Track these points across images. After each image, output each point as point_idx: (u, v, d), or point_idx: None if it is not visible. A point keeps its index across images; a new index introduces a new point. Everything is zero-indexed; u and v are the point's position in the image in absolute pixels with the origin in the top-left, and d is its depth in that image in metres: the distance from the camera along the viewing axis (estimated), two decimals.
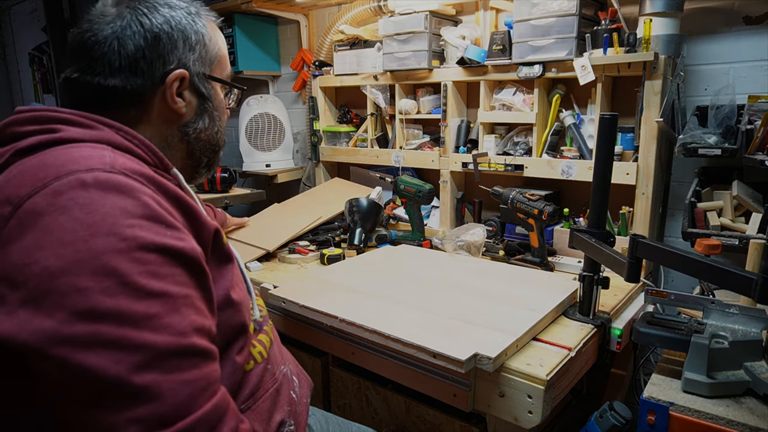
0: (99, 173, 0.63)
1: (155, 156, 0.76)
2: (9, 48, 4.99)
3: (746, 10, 1.51)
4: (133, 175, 0.65)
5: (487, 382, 1.05)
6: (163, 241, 0.62)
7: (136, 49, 0.76)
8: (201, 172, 0.90)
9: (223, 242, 0.78)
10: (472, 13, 2.00)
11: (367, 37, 2.17)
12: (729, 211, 1.45)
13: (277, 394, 0.84)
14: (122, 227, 0.60)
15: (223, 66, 0.88)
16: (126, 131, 0.74)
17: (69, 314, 0.55)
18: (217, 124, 0.88)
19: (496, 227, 1.87)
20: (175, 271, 0.63)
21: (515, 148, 1.87)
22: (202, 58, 0.82)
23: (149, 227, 0.62)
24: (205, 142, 0.87)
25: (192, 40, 0.81)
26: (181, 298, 0.62)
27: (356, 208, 1.85)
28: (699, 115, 1.51)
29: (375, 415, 1.35)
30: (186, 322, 0.61)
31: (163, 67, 0.78)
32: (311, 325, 1.34)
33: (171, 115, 0.81)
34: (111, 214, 0.60)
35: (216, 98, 0.87)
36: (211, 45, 0.84)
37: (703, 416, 0.95)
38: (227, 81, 0.89)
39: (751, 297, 0.84)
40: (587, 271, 1.23)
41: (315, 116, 2.42)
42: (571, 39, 1.61)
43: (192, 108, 0.83)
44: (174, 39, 0.79)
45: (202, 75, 0.83)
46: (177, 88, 0.79)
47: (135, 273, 0.59)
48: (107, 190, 0.62)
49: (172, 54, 0.79)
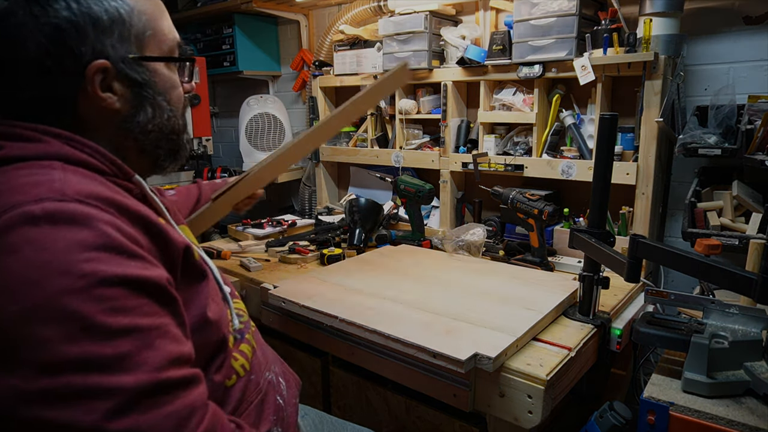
0: (48, 204, 0.56)
1: (113, 164, 0.68)
2: None
3: (746, 10, 1.51)
4: (88, 199, 0.58)
5: (487, 382, 1.05)
6: (126, 272, 0.57)
7: (38, 48, 0.64)
8: (164, 165, 0.79)
9: (195, 258, 0.71)
10: (472, 13, 2.00)
11: (367, 37, 2.17)
12: (729, 211, 1.45)
13: (261, 404, 0.81)
14: (79, 263, 0.54)
15: (160, 38, 0.74)
16: (77, 141, 0.66)
17: (32, 369, 0.51)
18: (167, 109, 0.75)
19: (496, 227, 1.87)
20: (142, 302, 0.58)
21: (515, 148, 1.87)
22: (124, 40, 0.69)
23: (109, 259, 0.56)
24: (157, 134, 0.75)
25: (104, 22, 0.67)
26: (153, 330, 0.58)
27: (356, 208, 1.85)
28: (699, 115, 1.51)
29: (375, 415, 1.35)
30: (161, 355, 0.57)
31: (77, 62, 0.66)
32: (311, 325, 1.34)
33: (105, 113, 0.70)
34: (65, 249, 0.54)
35: (159, 81, 0.73)
36: (136, 20, 0.70)
37: (703, 416, 0.95)
38: (167, 57, 0.75)
39: (751, 297, 0.85)
40: (587, 271, 1.23)
41: (315, 116, 2.42)
42: (571, 39, 1.61)
43: (127, 100, 0.71)
44: (81, 26, 0.66)
45: (130, 59, 0.70)
46: (101, 81, 0.68)
47: (98, 312, 0.54)
48: (59, 222, 0.55)
49: (82, 45, 0.66)
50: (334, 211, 2.39)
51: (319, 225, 2.14)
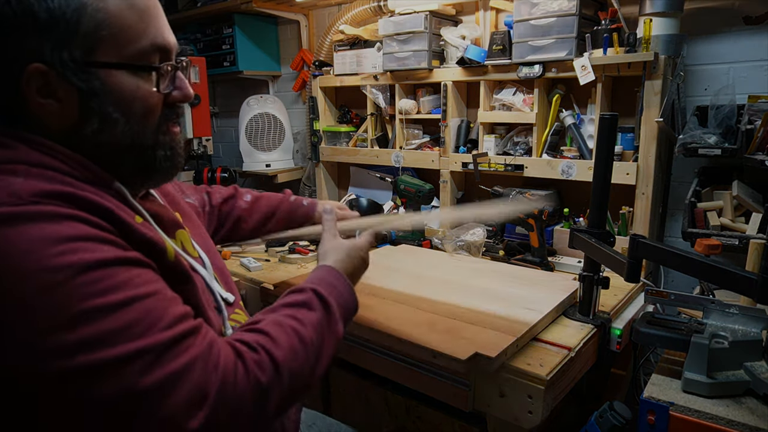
0: (3, 209, 0.53)
1: (86, 169, 0.64)
2: None
3: (746, 10, 1.51)
4: (46, 199, 0.56)
5: (487, 382, 1.05)
6: (103, 256, 0.56)
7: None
8: (133, 182, 0.71)
9: (170, 260, 0.67)
10: (472, 13, 2.00)
11: (367, 37, 2.17)
12: (729, 211, 1.45)
13: None
14: (51, 258, 0.53)
15: (123, 41, 0.64)
16: (48, 146, 0.62)
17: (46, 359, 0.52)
18: (121, 123, 0.66)
19: (496, 227, 1.87)
20: (132, 274, 0.58)
21: (515, 148, 1.87)
22: (67, 41, 0.61)
23: (82, 248, 0.55)
24: (110, 148, 0.66)
25: (42, 20, 0.59)
26: (151, 295, 0.58)
27: (356, 208, 1.85)
28: (699, 115, 1.51)
29: (375, 415, 1.35)
30: (168, 314, 0.59)
31: (13, 64, 0.60)
32: None
33: (50, 121, 0.63)
34: (33, 249, 0.52)
35: (114, 90, 0.64)
36: (85, 18, 0.61)
37: (703, 416, 0.95)
38: (125, 63, 0.64)
39: (751, 297, 0.85)
40: (587, 271, 1.23)
41: (315, 116, 2.42)
42: (571, 39, 1.61)
43: (72, 108, 0.63)
44: (15, 24, 0.58)
45: (73, 63, 0.61)
46: (42, 86, 0.61)
47: (86, 297, 0.53)
48: (18, 224, 0.53)
49: (18, 45, 0.59)
50: None
51: None
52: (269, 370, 0.64)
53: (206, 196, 1.19)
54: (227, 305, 0.85)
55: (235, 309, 0.87)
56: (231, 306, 0.86)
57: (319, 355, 0.72)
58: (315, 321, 0.74)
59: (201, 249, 0.86)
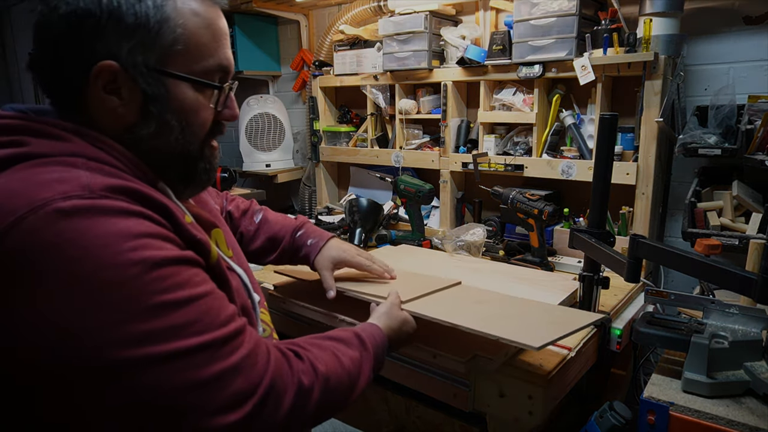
0: (77, 201, 0.55)
1: (137, 168, 0.67)
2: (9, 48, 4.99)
3: (746, 10, 1.51)
4: (115, 194, 0.58)
5: (487, 382, 1.05)
6: (169, 253, 0.59)
7: (59, 37, 0.63)
8: (178, 187, 0.74)
9: (212, 261, 0.69)
10: (472, 13, 2.00)
11: (367, 37, 2.17)
12: (729, 211, 1.45)
13: None
14: (125, 253, 0.55)
15: (194, 57, 0.68)
16: (103, 142, 0.65)
17: (109, 349, 0.54)
18: (176, 131, 0.69)
19: (496, 227, 1.87)
20: (191, 273, 0.62)
21: (515, 148, 1.87)
22: (145, 47, 0.65)
23: (151, 244, 0.58)
24: (162, 153, 0.70)
25: (128, 24, 0.63)
26: (209, 295, 0.62)
27: (356, 208, 1.85)
28: (699, 115, 1.51)
29: (375, 415, 1.35)
30: (224, 313, 0.63)
31: (90, 58, 0.63)
32: (311, 325, 1.34)
33: (108, 116, 0.66)
34: (108, 243, 0.55)
35: (175, 99, 0.68)
36: (166, 30, 0.65)
37: (703, 416, 0.95)
38: (190, 78, 0.69)
39: (751, 297, 0.85)
40: (587, 271, 1.23)
41: (315, 116, 2.42)
42: (571, 39, 1.61)
43: (133, 109, 0.67)
44: (102, 23, 0.63)
45: (145, 68, 0.65)
46: (108, 82, 0.64)
47: (158, 292, 0.57)
48: (92, 217, 0.55)
49: (98, 41, 0.63)
50: (334, 211, 2.39)
51: (319, 225, 2.14)
52: (311, 375, 0.70)
53: (224, 202, 1.20)
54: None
55: (260, 309, 0.89)
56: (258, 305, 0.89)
57: (353, 382, 0.78)
58: (352, 354, 0.81)
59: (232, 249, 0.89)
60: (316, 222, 2.22)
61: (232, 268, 0.80)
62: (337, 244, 1.19)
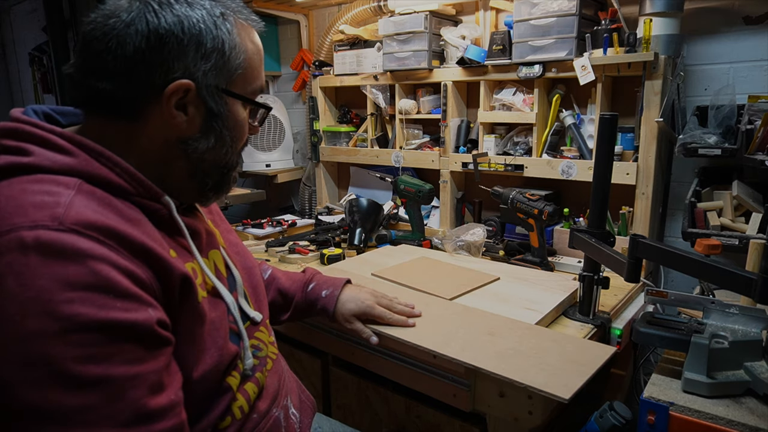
0: (42, 232, 0.55)
1: (140, 185, 0.68)
2: (9, 48, 5.00)
3: (746, 10, 1.51)
4: (87, 230, 0.57)
5: (487, 382, 1.05)
6: (108, 316, 0.55)
7: (135, 52, 0.65)
8: (208, 195, 0.79)
9: (195, 298, 0.69)
10: (472, 13, 2.00)
11: (367, 37, 2.17)
12: (729, 211, 1.45)
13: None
14: (58, 304, 0.53)
15: (249, 79, 0.75)
16: (108, 157, 0.65)
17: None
18: (227, 144, 0.75)
19: (496, 227, 1.87)
20: (121, 348, 0.56)
21: (515, 148, 1.87)
22: (218, 69, 0.70)
23: (92, 300, 0.55)
24: (210, 163, 0.75)
25: (207, 47, 0.69)
26: (128, 381, 0.56)
27: (356, 208, 1.85)
28: (699, 115, 1.51)
29: (375, 415, 1.35)
30: (131, 409, 0.56)
31: (165, 75, 0.67)
32: (311, 325, 1.34)
33: (169, 129, 0.70)
34: (47, 288, 0.53)
35: (231, 116, 0.74)
36: (234, 55, 0.71)
37: (703, 416, 0.95)
38: (249, 98, 0.76)
39: (751, 297, 0.84)
40: (587, 271, 1.23)
41: (315, 116, 2.42)
42: (571, 39, 1.61)
43: (195, 124, 0.71)
44: (184, 44, 0.67)
45: (215, 88, 0.71)
46: (178, 99, 0.68)
47: (69, 360, 0.53)
48: (48, 255, 0.54)
49: (178, 61, 0.67)
50: (334, 211, 2.39)
51: (319, 225, 2.14)
52: None
53: None
54: (252, 324, 0.86)
55: (259, 327, 0.88)
56: (257, 325, 0.87)
57: None
58: None
59: (236, 266, 0.87)
60: (317, 222, 2.22)
61: (220, 294, 0.78)
62: (353, 294, 1.14)
